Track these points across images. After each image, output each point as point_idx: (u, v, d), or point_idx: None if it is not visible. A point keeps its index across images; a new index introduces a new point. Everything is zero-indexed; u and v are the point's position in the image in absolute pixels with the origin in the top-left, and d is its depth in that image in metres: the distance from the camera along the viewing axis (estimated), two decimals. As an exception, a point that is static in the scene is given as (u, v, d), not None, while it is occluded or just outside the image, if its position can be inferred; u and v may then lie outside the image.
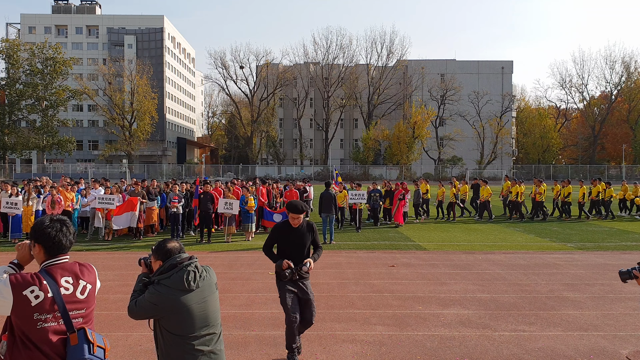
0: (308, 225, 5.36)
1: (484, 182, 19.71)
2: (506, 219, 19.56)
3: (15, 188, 14.47)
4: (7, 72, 59.45)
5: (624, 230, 16.61)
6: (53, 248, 2.65)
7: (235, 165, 72.96)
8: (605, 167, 68.67)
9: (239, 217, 14.71)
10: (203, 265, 3.20)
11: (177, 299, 2.95)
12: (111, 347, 5.78)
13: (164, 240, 3.18)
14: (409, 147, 65.81)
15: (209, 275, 3.18)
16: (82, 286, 2.64)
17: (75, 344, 2.52)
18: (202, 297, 3.05)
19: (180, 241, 3.16)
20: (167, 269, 3.03)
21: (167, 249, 3.09)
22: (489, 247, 13.07)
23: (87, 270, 2.73)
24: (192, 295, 3.00)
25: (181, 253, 3.11)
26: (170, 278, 2.99)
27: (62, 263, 2.65)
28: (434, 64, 73.84)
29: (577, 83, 76.19)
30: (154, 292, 2.97)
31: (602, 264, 10.77)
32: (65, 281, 2.59)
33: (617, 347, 5.80)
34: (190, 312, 2.99)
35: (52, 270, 2.60)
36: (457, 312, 7.12)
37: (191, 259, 3.10)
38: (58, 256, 2.66)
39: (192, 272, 3.02)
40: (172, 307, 2.95)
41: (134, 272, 9.88)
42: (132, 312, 3.03)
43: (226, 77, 71.34)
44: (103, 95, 69.81)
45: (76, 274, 2.65)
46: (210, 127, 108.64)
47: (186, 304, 2.97)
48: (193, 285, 3.00)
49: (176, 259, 3.05)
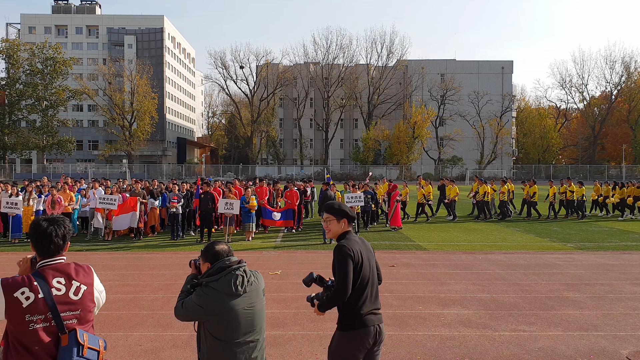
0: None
1: (451, 181, 19.67)
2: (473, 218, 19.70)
3: (15, 188, 14.47)
4: (7, 72, 59.45)
5: (624, 230, 16.60)
6: (41, 248, 2.64)
7: (235, 165, 72.95)
8: (605, 167, 68.66)
9: (239, 217, 14.72)
10: (252, 270, 3.15)
11: (224, 302, 2.92)
12: (111, 347, 5.78)
13: (213, 242, 3.14)
14: (409, 147, 65.83)
15: (257, 280, 3.12)
16: (75, 287, 2.62)
17: (66, 345, 2.52)
18: (250, 302, 3.01)
19: (229, 244, 3.17)
20: (215, 271, 2.99)
21: (216, 251, 3.05)
22: (489, 247, 13.07)
23: (83, 271, 2.70)
24: (239, 300, 2.95)
25: (230, 256, 3.07)
26: (218, 281, 2.94)
27: (56, 264, 2.63)
28: (434, 64, 73.85)
29: (577, 83, 76.34)
30: (201, 294, 2.93)
31: (602, 264, 10.77)
32: (57, 282, 2.57)
33: (617, 347, 5.80)
34: (236, 317, 2.94)
35: (44, 271, 2.59)
36: (457, 312, 7.12)
37: (240, 262, 3.06)
38: (52, 257, 2.64)
39: (240, 277, 2.98)
40: (218, 311, 2.91)
41: (134, 272, 9.89)
42: (178, 313, 2.99)
43: (226, 77, 71.50)
44: (103, 95, 69.79)
45: (69, 274, 2.62)
46: (210, 127, 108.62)
47: (233, 309, 2.93)
48: (241, 290, 2.96)
49: (225, 262, 3.01)
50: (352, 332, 3.38)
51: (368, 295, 3.42)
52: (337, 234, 3.54)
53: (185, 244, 13.51)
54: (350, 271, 3.32)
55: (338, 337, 3.44)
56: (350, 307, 3.40)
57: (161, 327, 6.50)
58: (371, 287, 3.46)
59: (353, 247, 3.40)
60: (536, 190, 19.59)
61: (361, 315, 3.38)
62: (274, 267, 10.18)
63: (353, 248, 3.39)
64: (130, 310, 7.24)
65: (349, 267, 3.33)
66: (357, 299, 3.38)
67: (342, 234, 3.54)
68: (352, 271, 3.33)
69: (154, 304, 7.52)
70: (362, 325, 3.37)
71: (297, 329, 6.40)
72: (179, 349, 5.72)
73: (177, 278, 9.22)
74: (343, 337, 3.41)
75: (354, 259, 3.35)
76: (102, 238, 14.21)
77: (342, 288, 3.30)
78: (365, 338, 3.38)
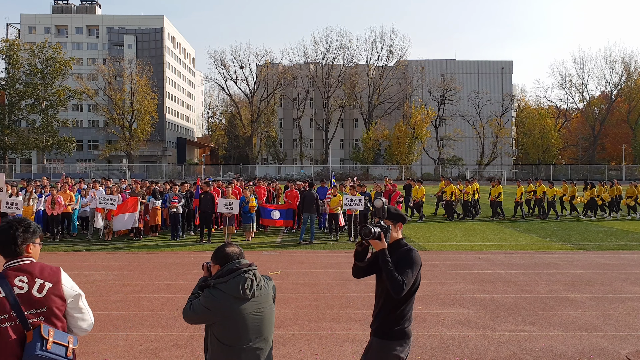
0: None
1: (419, 182, 19.68)
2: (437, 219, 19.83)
3: (15, 188, 14.48)
4: (7, 72, 59.40)
5: (624, 230, 16.61)
6: (2, 250, 2.71)
7: (235, 165, 72.98)
8: (605, 167, 68.67)
9: (238, 217, 14.73)
10: (263, 275, 3.07)
11: (230, 305, 2.85)
12: (111, 347, 5.79)
13: (224, 244, 3.08)
14: (409, 147, 65.81)
15: (268, 286, 3.03)
16: (38, 284, 2.63)
17: (30, 341, 2.55)
18: (258, 307, 2.93)
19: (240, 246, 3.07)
20: (224, 273, 2.92)
21: (226, 253, 3.00)
22: (489, 247, 13.07)
23: (49, 270, 2.71)
24: (247, 305, 2.88)
25: (241, 258, 3.00)
26: (226, 283, 2.87)
27: (20, 264, 2.68)
28: (434, 64, 73.86)
29: (577, 83, 76.37)
30: (208, 295, 2.88)
31: (602, 264, 10.77)
32: (20, 280, 2.61)
33: (617, 347, 5.81)
34: (242, 322, 2.87)
35: (6, 271, 2.65)
36: (457, 312, 7.12)
37: (250, 266, 2.98)
38: (15, 258, 2.69)
39: (249, 280, 2.90)
40: (224, 314, 2.85)
41: (134, 272, 9.89)
42: (186, 315, 2.95)
43: (226, 77, 71.43)
44: (103, 95, 69.77)
45: (32, 273, 2.64)
46: (210, 127, 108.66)
47: (240, 313, 2.86)
48: (248, 294, 2.87)
49: (235, 264, 2.95)
50: (395, 341, 3.32)
51: (412, 307, 3.46)
52: (394, 239, 3.45)
53: (185, 244, 13.51)
54: (413, 276, 3.33)
55: (386, 347, 3.34)
56: (402, 315, 3.35)
57: (161, 327, 6.50)
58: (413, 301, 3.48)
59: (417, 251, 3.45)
60: (501, 190, 19.92)
61: (408, 325, 3.38)
62: (274, 267, 10.18)
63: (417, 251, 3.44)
64: (130, 310, 7.24)
65: (415, 272, 3.34)
66: (409, 309, 3.40)
67: (400, 239, 3.47)
68: (416, 273, 3.35)
69: (154, 304, 7.52)
70: (406, 336, 3.36)
71: (297, 329, 6.40)
72: (179, 349, 5.73)
73: (177, 278, 9.22)
74: (386, 346, 3.33)
75: (419, 267, 3.40)
76: (102, 238, 14.21)
77: (401, 284, 3.22)
78: (406, 350, 3.36)
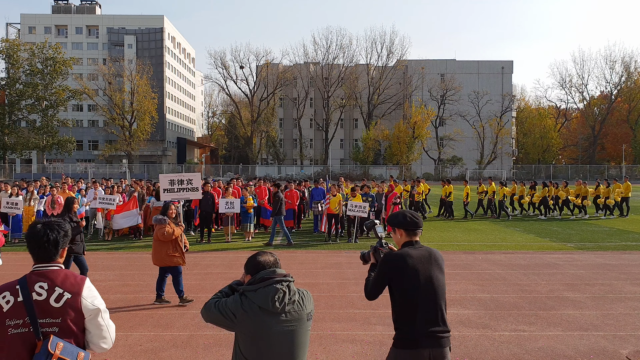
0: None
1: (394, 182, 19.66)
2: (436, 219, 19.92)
3: (15, 188, 14.49)
4: (7, 72, 59.39)
5: (624, 230, 16.61)
6: (32, 253, 2.59)
7: (235, 165, 72.93)
8: (605, 167, 68.65)
9: (238, 217, 14.72)
10: (300, 289, 2.76)
11: (255, 317, 2.55)
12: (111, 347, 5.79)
13: (257, 252, 2.80)
14: (409, 147, 65.76)
15: (303, 301, 2.70)
16: (57, 294, 2.47)
17: (38, 353, 2.42)
18: (288, 325, 2.60)
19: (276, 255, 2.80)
20: (256, 281, 2.64)
21: (257, 262, 2.71)
22: (489, 247, 13.07)
23: (72, 280, 2.55)
24: (274, 319, 2.56)
25: (276, 268, 2.70)
26: (256, 292, 2.60)
27: (45, 270, 2.54)
28: (434, 64, 73.83)
29: (577, 83, 76.28)
30: (236, 300, 2.62)
31: (602, 264, 10.77)
32: (39, 287, 2.47)
33: (617, 347, 5.80)
34: (267, 339, 2.56)
35: (29, 275, 2.54)
36: (457, 312, 7.12)
37: (286, 276, 2.68)
38: (44, 262, 2.56)
39: (281, 292, 2.60)
40: (247, 325, 2.57)
41: (134, 272, 9.89)
42: (207, 311, 2.69)
43: (226, 77, 71.36)
44: (103, 95, 69.74)
45: (54, 280, 2.49)
46: (210, 127, 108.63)
47: (265, 328, 2.55)
48: (278, 307, 2.57)
49: (268, 273, 2.66)
50: (402, 350, 3.11)
51: (423, 312, 3.10)
52: (399, 244, 3.37)
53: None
54: (378, 277, 3.20)
55: (390, 353, 3.22)
56: (401, 322, 3.15)
57: (161, 327, 6.50)
58: (427, 304, 3.13)
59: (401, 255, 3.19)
60: (451, 190, 20.10)
61: (413, 334, 3.09)
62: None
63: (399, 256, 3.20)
64: (130, 310, 7.24)
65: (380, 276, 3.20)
66: (409, 315, 3.12)
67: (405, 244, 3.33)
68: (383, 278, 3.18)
69: (154, 304, 7.52)
70: (412, 346, 3.08)
71: (297, 329, 6.39)
72: (179, 349, 5.73)
73: (177, 278, 9.21)
74: (392, 354, 3.19)
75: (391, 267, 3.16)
76: (102, 238, 14.21)
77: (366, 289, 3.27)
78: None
